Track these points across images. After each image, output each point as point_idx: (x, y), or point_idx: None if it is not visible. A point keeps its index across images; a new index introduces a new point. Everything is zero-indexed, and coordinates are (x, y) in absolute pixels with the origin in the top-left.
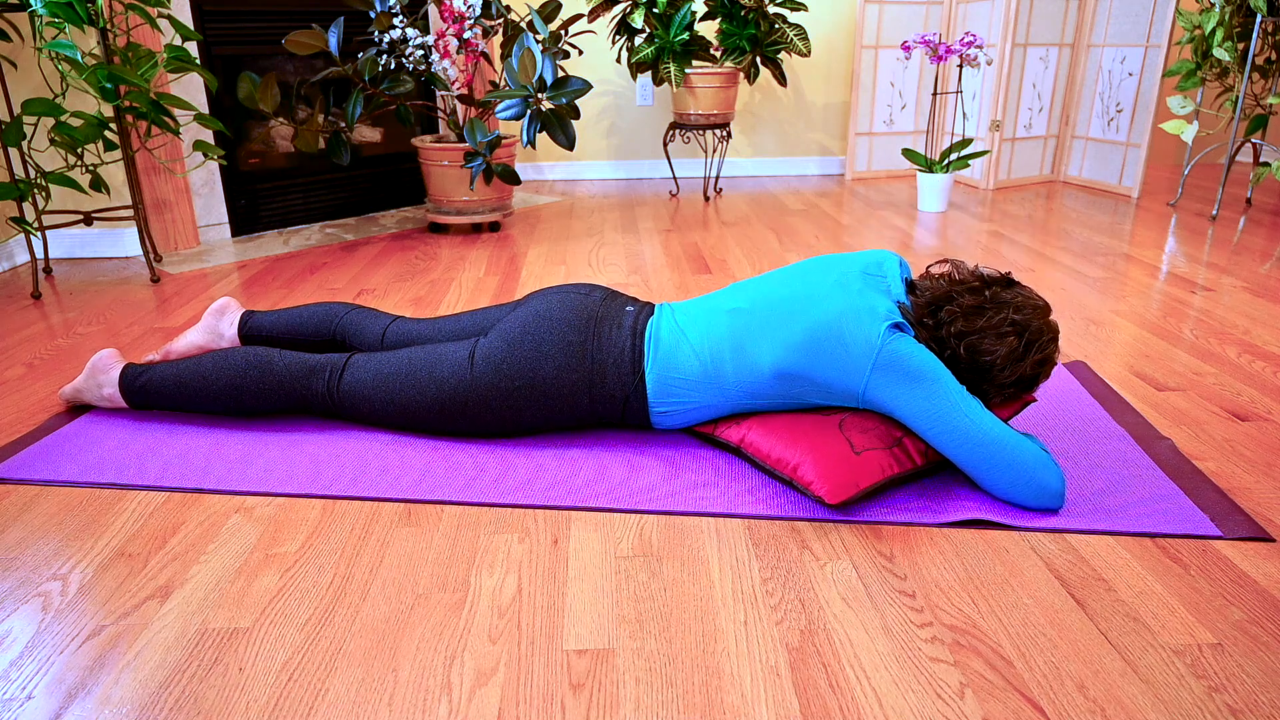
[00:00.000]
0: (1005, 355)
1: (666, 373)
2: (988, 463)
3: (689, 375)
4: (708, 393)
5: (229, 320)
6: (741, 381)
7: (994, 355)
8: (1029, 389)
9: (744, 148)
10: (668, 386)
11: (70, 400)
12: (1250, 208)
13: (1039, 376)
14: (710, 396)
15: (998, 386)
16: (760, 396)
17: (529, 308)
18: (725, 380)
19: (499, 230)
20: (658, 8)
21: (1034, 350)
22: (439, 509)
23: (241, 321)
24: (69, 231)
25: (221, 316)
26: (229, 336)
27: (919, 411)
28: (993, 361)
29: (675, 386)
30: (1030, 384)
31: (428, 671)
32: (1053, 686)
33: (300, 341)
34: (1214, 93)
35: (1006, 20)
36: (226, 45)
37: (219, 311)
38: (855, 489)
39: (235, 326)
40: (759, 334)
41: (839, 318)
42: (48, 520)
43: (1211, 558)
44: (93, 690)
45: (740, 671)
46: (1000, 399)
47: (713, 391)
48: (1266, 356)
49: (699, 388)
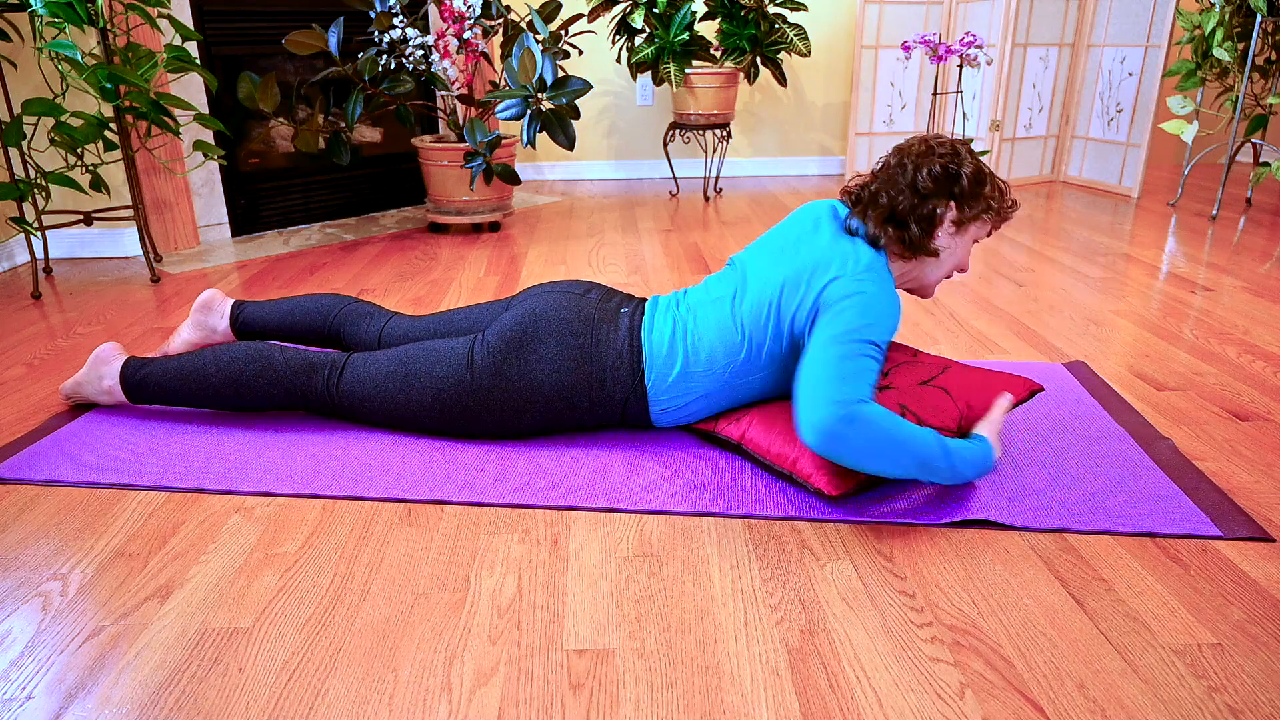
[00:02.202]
0: (940, 176)
1: (665, 369)
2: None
3: (687, 369)
4: (705, 382)
5: (219, 313)
6: (733, 360)
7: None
8: (998, 205)
9: (744, 148)
10: (667, 383)
11: (70, 395)
12: (1250, 208)
13: (986, 184)
14: (708, 385)
15: (971, 207)
16: (753, 373)
17: (525, 307)
18: (717, 365)
19: (499, 230)
20: (658, 8)
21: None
22: (439, 509)
23: (233, 315)
24: (69, 231)
25: (209, 310)
26: (222, 329)
27: (844, 313)
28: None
29: (674, 382)
30: (990, 199)
31: (428, 671)
32: (1053, 686)
33: (296, 336)
34: (1214, 93)
35: (1006, 20)
36: (226, 45)
37: (205, 306)
38: (854, 480)
39: (227, 319)
40: (747, 301)
41: (826, 250)
42: (48, 520)
43: (1211, 558)
44: (93, 690)
45: (740, 671)
46: (987, 217)
47: (710, 380)
48: (1266, 356)
49: (697, 379)
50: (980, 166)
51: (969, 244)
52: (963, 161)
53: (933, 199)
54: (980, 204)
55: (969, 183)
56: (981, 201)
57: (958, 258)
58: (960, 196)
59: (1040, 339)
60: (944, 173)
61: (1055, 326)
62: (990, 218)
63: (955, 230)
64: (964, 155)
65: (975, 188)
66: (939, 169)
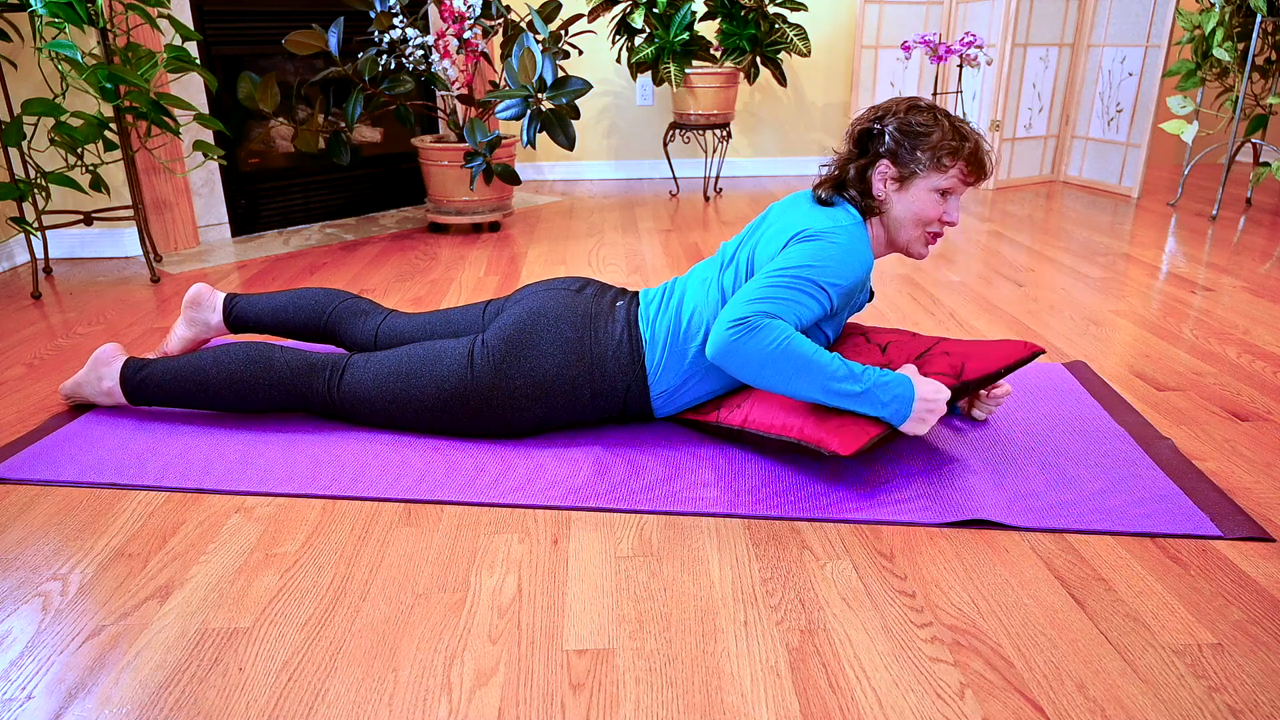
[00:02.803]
0: (859, 135)
1: (662, 352)
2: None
3: (681, 347)
4: (700, 360)
5: (209, 307)
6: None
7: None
8: (948, 152)
9: (744, 148)
10: (665, 365)
11: (70, 396)
12: (1250, 208)
13: (929, 134)
14: (703, 362)
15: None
16: None
17: (523, 306)
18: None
19: (499, 230)
20: (658, 8)
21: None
22: (439, 509)
23: (226, 308)
24: (69, 231)
25: (200, 306)
26: (215, 324)
27: (781, 261)
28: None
29: (671, 363)
30: (937, 148)
31: (428, 671)
32: (1053, 686)
33: (290, 331)
34: (1214, 93)
35: (1006, 20)
36: (226, 45)
37: (194, 302)
38: (866, 437)
39: (219, 312)
40: (729, 272)
41: (806, 212)
42: (48, 520)
43: (1211, 558)
44: (93, 690)
45: (740, 671)
46: (935, 166)
47: (703, 357)
48: (1266, 356)
49: (692, 358)
50: (916, 120)
51: (928, 198)
52: (891, 118)
53: (859, 160)
54: (919, 157)
55: (895, 137)
56: (918, 153)
57: (915, 211)
58: (891, 154)
59: (1040, 339)
60: (865, 135)
61: (1055, 326)
62: (943, 166)
63: (899, 187)
64: (895, 110)
65: (908, 140)
66: (859, 133)
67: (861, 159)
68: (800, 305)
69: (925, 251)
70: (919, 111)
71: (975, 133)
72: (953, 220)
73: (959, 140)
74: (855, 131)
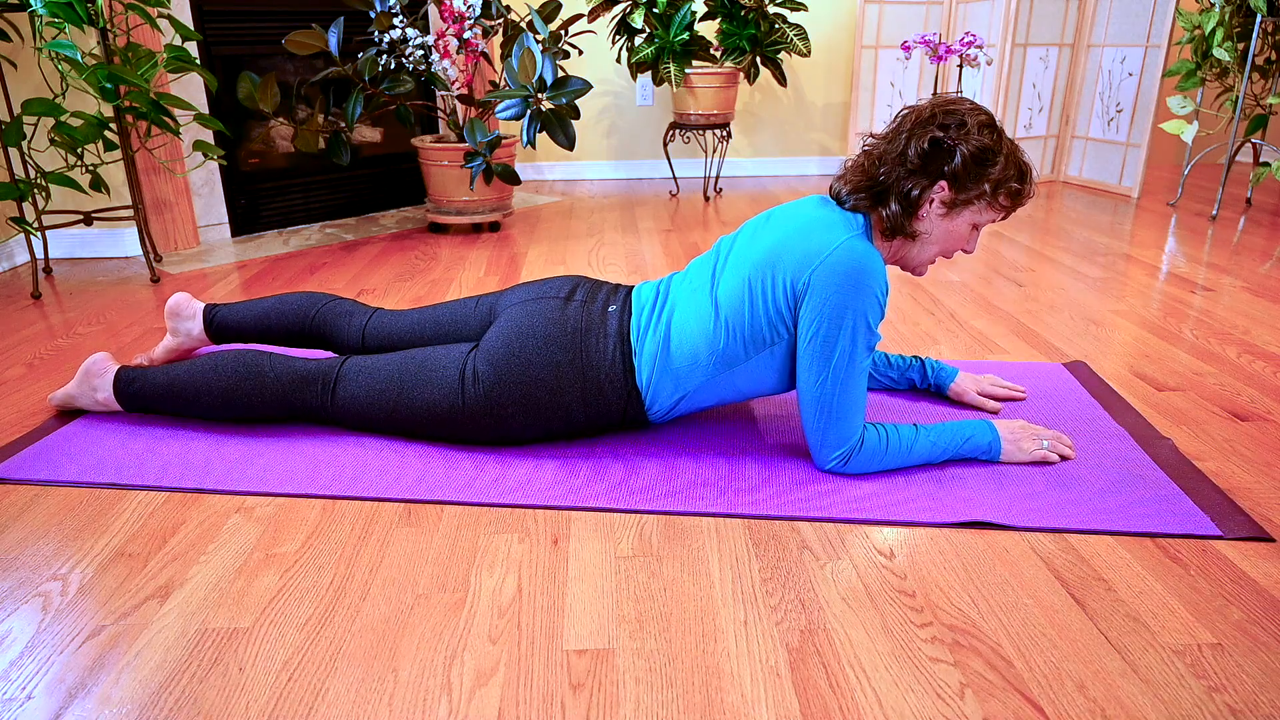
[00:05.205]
0: (929, 152)
1: (655, 371)
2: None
3: (673, 365)
4: (692, 377)
5: (187, 316)
6: (714, 350)
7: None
8: (1008, 189)
9: (744, 148)
10: (657, 383)
11: (61, 406)
12: (1250, 208)
13: (994, 164)
14: (696, 379)
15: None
16: (735, 363)
17: (509, 324)
18: (700, 358)
19: (499, 230)
20: (658, 8)
21: (955, 138)
22: (439, 509)
23: (206, 319)
24: (69, 231)
25: (179, 317)
26: (196, 334)
27: (826, 310)
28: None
29: (664, 381)
30: (998, 182)
31: (428, 671)
32: (1053, 686)
33: (275, 338)
34: (1214, 93)
35: (1006, 20)
36: (226, 45)
37: (174, 313)
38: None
39: (199, 322)
40: (723, 284)
41: (805, 224)
42: (48, 520)
43: (1211, 558)
44: (93, 690)
45: (740, 671)
46: (989, 201)
47: (696, 374)
48: (1266, 356)
49: (685, 376)
50: (988, 144)
51: (965, 229)
52: (965, 136)
53: (919, 177)
54: (979, 187)
55: (967, 161)
56: (982, 184)
57: (946, 244)
58: (954, 177)
59: (1040, 339)
60: (935, 149)
61: (1055, 326)
62: (997, 203)
63: (946, 213)
64: (970, 127)
65: (976, 168)
66: (928, 144)
67: (923, 177)
68: (860, 385)
69: (927, 271)
70: (988, 131)
71: (1029, 164)
72: (971, 250)
73: (1020, 181)
74: (925, 141)
